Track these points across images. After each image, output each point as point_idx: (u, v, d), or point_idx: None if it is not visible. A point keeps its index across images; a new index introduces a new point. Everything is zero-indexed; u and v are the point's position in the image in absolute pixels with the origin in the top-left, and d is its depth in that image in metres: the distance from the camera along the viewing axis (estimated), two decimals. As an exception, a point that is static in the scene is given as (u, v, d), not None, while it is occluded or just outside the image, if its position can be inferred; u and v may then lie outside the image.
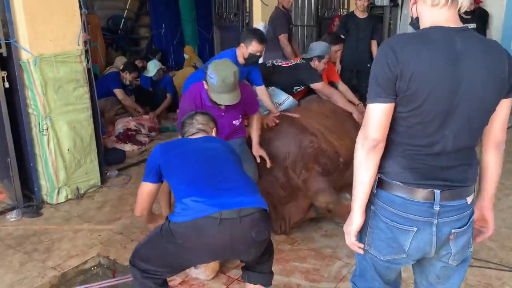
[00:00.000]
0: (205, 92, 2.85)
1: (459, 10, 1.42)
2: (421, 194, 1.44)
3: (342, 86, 4.40)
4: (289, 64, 4.07)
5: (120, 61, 6.70)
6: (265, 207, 1.98)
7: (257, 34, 3.48)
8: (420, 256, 1.53)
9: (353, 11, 5.77)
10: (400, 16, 8.73)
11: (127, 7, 9.26)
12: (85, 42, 3.78)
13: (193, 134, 2.30)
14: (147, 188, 2.21)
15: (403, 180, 1.45)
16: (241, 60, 3.50)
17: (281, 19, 5.39)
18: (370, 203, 1.54)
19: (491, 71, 1.38)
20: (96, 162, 3.97)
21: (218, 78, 2.60)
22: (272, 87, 3.88)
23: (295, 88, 3.94)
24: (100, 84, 5.23)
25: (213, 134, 2.35)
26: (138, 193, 2.26)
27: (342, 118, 3.64)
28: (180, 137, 2.45)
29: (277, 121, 3.36)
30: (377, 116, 1.40)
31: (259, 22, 5.47)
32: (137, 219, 3.41)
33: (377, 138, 1.40)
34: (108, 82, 5.59)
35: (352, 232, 1.54)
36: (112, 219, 3.46)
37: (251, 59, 3.47)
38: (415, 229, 1.45)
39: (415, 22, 1.50)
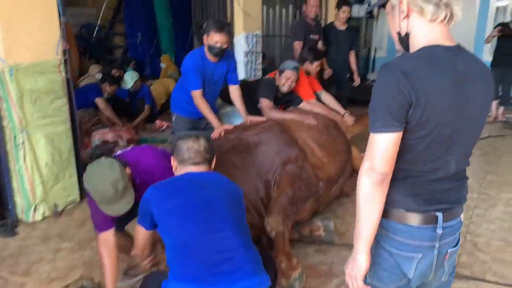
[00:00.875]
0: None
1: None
2: (424, 219, 1.39)
3: (325, 95, 4.37)
4: (256, 80, 4.03)
5: (95, 70, 6.51)
6: (267, 284, 1.88)
7: (216, 23, 3.24)
8: (420, 282, 1.48)
9: (333, 22, 5.76)
10: (376, 28, 8.89)
11: (101, 15, 9.02)
12: (64, 51, 3.61)
13: (198, 164, 2.05)
14: (141, 232, 2.12)
15: (406, 207, 1.40)
16: (209, 56, 3.32)
17: (298, 27, 5.35)
18: None
19: (486, 92, 1.38)
20: (75, 177, 3.78)
21: (95, 194, 2.10)
22: (234, 108, 3.77)
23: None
24: (78, 95, 5.04)
25: (213, 165, 2.14)
26: (134, 233, 2.20)
27: (334, 134, 3.60)
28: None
29: (222, 134, 3.19)
30: (387, 147, 1.29)
31: (241, 32, 5.38)
32: (122, 237, 3.26)
33: (386, 171, 1.31)
34: (88, 93, 5.44)
35: (359, 276, 1.42)
36: (94, 237, 3.24)
37: (212, 51, 3.26)
38: (420, 255, 1.41)
39: (404, 38, 1.39)
